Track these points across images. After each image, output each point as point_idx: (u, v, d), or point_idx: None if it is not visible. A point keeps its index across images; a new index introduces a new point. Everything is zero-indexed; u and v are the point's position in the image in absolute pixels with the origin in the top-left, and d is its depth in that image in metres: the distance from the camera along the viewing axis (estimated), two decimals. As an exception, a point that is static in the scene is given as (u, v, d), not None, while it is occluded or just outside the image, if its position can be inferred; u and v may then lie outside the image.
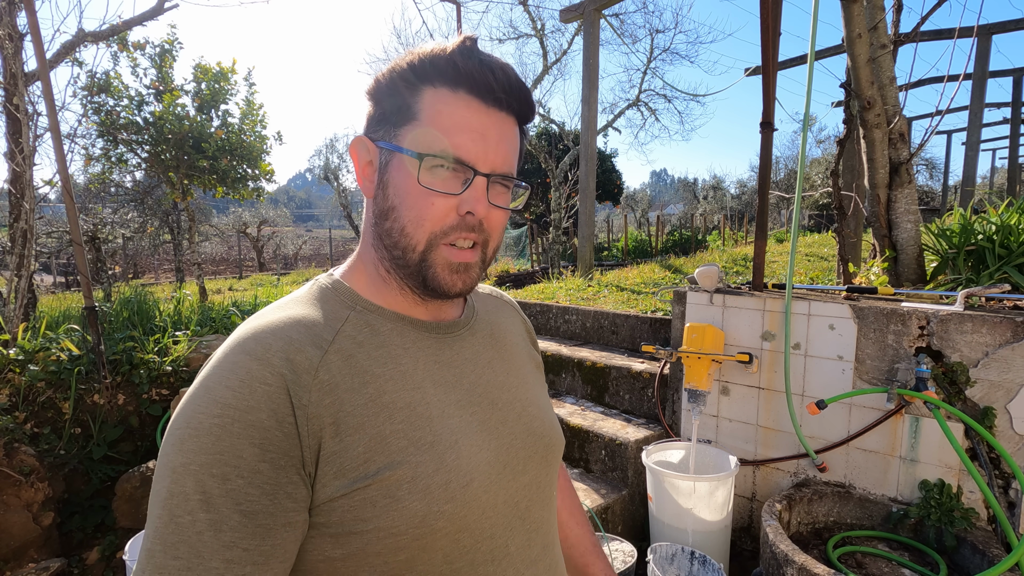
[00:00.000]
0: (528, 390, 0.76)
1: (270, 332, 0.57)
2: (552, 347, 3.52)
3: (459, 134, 0.60)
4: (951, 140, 15.12)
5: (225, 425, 0.50)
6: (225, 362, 0.54)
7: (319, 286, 0.66)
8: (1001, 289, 1.99)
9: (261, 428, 0.51)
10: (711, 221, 26.03)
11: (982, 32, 8.62)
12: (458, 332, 0.71)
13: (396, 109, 0.62)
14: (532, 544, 0.68)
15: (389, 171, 0.62)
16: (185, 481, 0.49)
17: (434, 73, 0.60)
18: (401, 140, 0.61)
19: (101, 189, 8.78)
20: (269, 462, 0.51)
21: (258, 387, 0.52)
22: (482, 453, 0.63)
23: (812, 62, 2.28)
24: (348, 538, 0.54)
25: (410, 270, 0.63)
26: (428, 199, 0.60)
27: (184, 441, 0.50)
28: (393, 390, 0.60)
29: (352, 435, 0.55)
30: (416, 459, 0.57)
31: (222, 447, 0.49)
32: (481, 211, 0.61)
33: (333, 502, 0.54)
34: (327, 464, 0.54)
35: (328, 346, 0.58)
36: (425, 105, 0.60)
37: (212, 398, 0.52)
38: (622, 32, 10.98)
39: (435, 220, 0.61)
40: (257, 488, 0.50)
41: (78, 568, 2.41)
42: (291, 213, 41.73)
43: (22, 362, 2.74)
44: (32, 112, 3.56)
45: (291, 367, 0.54)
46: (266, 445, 0.51)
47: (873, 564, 1.80)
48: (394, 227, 0.62)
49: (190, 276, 11.11)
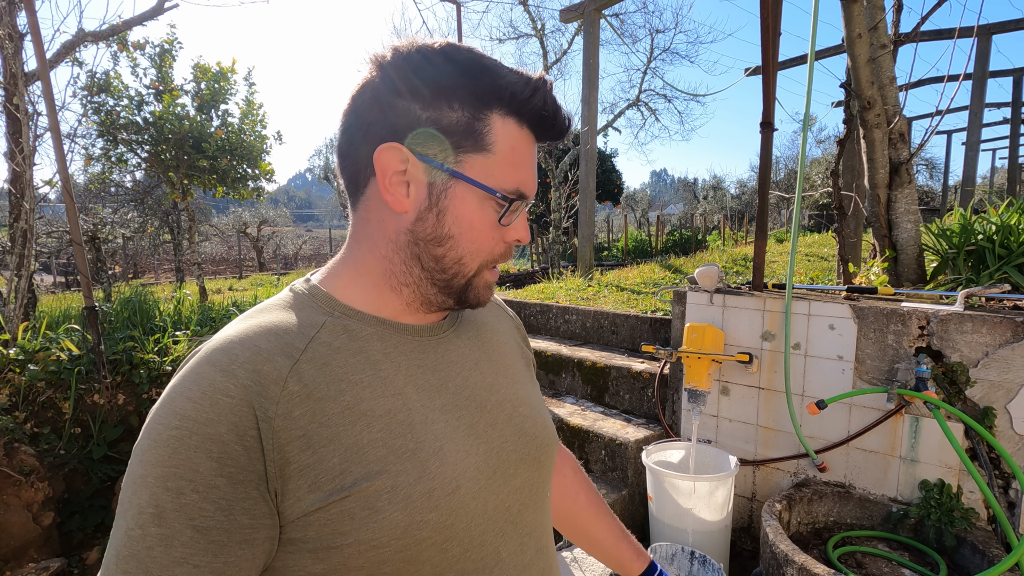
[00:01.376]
0: (518, 390, 0.74)
1: (238, 342, 0.54)
2: (552, 347, 3.52)
3: (524, 171, 0.61)
4: (951, 140, 15.14)
5: (182, 438, 0.49)
6: (190, 374, 0.53)
7: (294, 292, 0.64)
8: (1001, 289, 1.99)
9: (219, 442, 0.49)
10: (711, 221, 26.03)
11: (982, 32, 8.62)
12: (443, 334, 0.69)
13: (457, 128, 0.58)
14: (525, 549, 0.67)
15: (449, 198, 0.60)
16: (141, 493, 0.48)
17: (508, 103, 0.59)
18: (468, 168, 0.59)
19: (101, 189, 8.79)
20: (226, 477, 0.49)
21: (220, 399, 0.50)
22: (470, 458, 0.61)
23: (812, 62, 2.28)
24: (328, 553, 0.53)
25: (451, 290, 0.64)
26: (491, 232, 0.62)
27: (144, 452, 0.49)
28: (371, 397, 0.57)
29: (326, 446, 0.53)
30: (396, 468, 0.55)
31: (178, 460, 0.48)
32: (527, 239, 0.65)
33: (309, 516, 0.52)
34: (300, 478, 0.52)
35: (300, 355, 0.56)
36: (498, 137, 0.59)
37: (172, 409, 0.50)
38: (622, 32, 10.99)
39: (488, 250, 0.63)
40: (212, 503, 0.48)
41: (78, 568, 2.41)
42: (291, 213, 41.74)
43: (22, 362, 2.74)
44: (32, 112, 3.56)
45: (257, 378, 0.52)
46: (224, 459, 0.49)
47: (873, 564, 1.80)
48: (450, 256, 0.62)
49: (190, 276, 11.10)
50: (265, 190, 7.02)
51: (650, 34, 11.42)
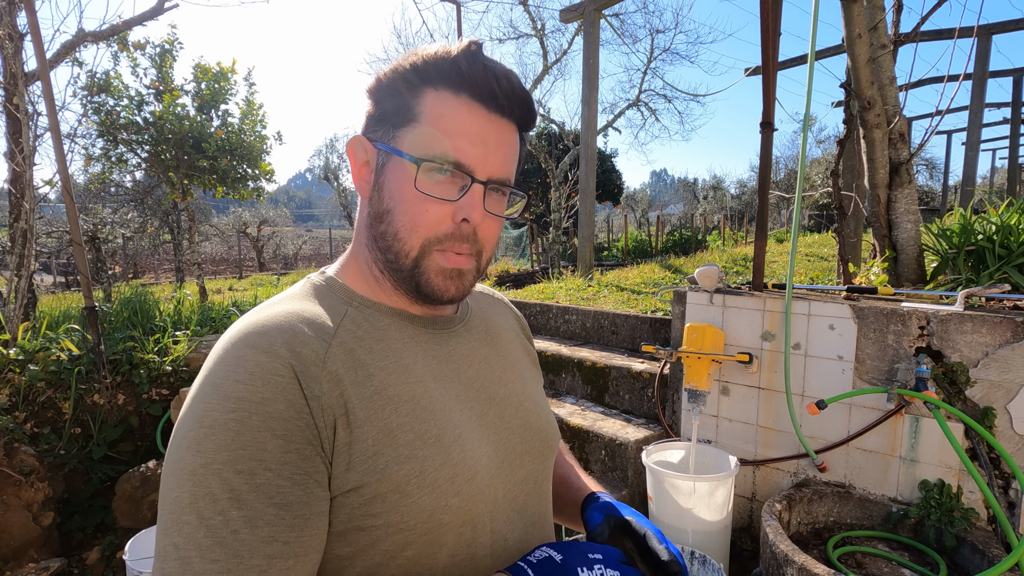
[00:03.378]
0: (524, 385, 0.75)
1: (272, 326, 0.55)
2: (552, 347, 3.52)
3: (459, 138, 0.59)
4: (951, 140, 15.13)
5: (242, 419, 0.48)
6: (228, 357, 0.52)
7: (312, 283, 0.65)
8: (1001, 289, 1.99)
9: (281, 419, 0.49)
10: (711, 221, 26.03)
11: (982, 32, 8.62)
12: (454, 328, 0.70)
13: (396, 110, 0.61)
14: (530, 539, 0.68)
15: (385, 173, 0.61)
16: (209, 482, 0.47)
17: (437, 75, 0.59)
18: (399, 142, 0.60)
19: (101, 189, 8.79)
20: (295, 452, 0.49)
21: (270, 378, 0.50)
22: (482, 447, 0.63)
23: (812, 62, 2.28)
24: (356, 535, 0.54)
25: (403, 275, 0.63)
26: (423, 204, 0.60)
27: (200, 441, 0.48)
28: (397, 383, 0.59)
29: (361, 426, 0.54)
30: (423, 453, 0.57)
31: (243, 441, 0.48)
32: (476, 219, 0.60)
33: (344, 496, 0.53)
34: (340, 455, 0.53)
35: (331, 339, 0.57)
36: (426, 107, 0.59)
37: (222, 394, 0.50)
38: (622, 32, 10.98)
39: (429, 226, 0.60)
40: (287, 479, 0.48)
41: (78, 568, 2.41)
42: (291, 213, 41.75)
43: (22, 362, 2.74)
44: (32, 112, 3.56)
45: (299, 359, 0.53)
46: (288, 436, 0.49)
47: (873, 564, 1.80)
48: (388, 231, 0.61)
49: (190, 276, 11.10)
50: (265, 190, 7.01)
51: (650, 34, 11.41)
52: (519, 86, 0.62)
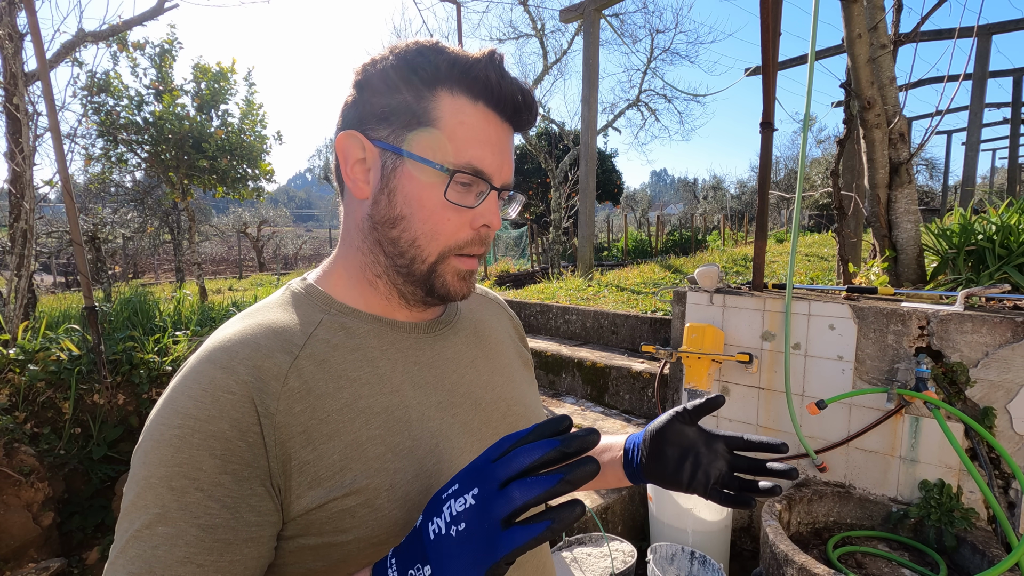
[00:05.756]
0: (514, 388, 0.74)
1: (237, 340, 0.54)
2: (552, 347, 3.52)
3: (481, 147, 0.59)
4: (951, 140, 15.15)
5: (184, 436, 0.48)
6: (191, 372, 0.53)
7: (291, 291, 0.64)
8: (1001, 289, 1.99)
9: (222, 439, 0.49)
10: (711, 221, 26.03)
11: (982, 32, 8.62)
12: (439, 331, 0.69)
13: (404, 109, 0.58)
14: None
15: (397, 177, 0.59)
16: (146, 495, 0.48)
17: (453, 79, 0.58)
18: (414, 146, 0.58)
19: (101, 189, 8.79)
20: (231, 474, 0.49)
21: (221, 396, 0.50)
22: (464, 456, 0.62)
23: (812, 62, 2.28)
24: (328, 549, 0.53)
25: (415, 277, 0.62)
26: (446, 213, 0.59)
27: (147, 453, 0.49)
28: (369, 394, 0.57)
29: (326, 442, 0.53)
30: (394, 466, 0.55)
31: (181, 459, 0.48)
32: (497, 225, 0.61)
33: (310, 513, 0.52)
34: (301, 474, 0.52)
35: (299, 351, 0.56)
36: (444, 112, 0.58)
37: (174, 408, 0.50)
38: (622, 32, 10.99)
39: (449, 234, 0.60)
40: (217, 501, 0.48)
41: (78, 568, 2.41)
42: (291, 213, 41.74)
43: (22, 362, 2.74)
44: (32, 112, 3.56)
45: (257, 375, 0.52)
46: (227, 456, 0.49)
47: (873, 564, 1.80)
48: (403, 237, 0.60)
49: (190, 276, 11.11)
50: (265, 190, 7.01)
51: (650, 34, 11.43)
52: (533, 99, 0.63)
